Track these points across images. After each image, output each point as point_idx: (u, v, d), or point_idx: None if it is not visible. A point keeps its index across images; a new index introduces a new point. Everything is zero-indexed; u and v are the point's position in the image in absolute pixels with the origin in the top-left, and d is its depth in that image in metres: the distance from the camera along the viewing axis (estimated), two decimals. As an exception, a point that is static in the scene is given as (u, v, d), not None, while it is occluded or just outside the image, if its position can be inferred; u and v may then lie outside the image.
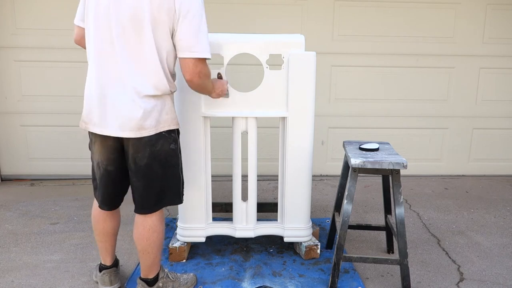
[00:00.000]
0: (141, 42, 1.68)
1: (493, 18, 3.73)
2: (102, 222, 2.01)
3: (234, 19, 3.62)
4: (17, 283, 2.17)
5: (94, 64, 1.75)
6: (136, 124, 1.72)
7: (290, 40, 2.19)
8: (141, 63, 1.71)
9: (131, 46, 1.69)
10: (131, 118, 1.72)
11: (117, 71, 1.71)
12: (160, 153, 1.80)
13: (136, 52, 1.69)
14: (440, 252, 2.54)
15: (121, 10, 1.66)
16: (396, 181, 2.06)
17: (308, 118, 2.25)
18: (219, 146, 3.62)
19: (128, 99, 1.71)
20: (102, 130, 1.77)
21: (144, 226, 1.87)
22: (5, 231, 2.75)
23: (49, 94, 3.66)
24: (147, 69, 1.71)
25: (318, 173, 3.93)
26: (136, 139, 1.75)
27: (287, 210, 2.36)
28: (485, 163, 4.03)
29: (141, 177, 1.82)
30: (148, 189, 1.84)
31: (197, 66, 1.74)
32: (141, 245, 1.89)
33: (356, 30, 3.70)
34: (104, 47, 1.71)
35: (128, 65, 1.70)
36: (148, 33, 1.67)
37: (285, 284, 2.16)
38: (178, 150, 1.90)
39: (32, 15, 3.52)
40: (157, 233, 1.89)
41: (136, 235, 1.90)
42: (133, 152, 1.78)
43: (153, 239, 1.89)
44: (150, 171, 1.81)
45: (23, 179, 3.80)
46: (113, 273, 2.07)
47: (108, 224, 2.02)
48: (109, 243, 2.06)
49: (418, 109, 3.88)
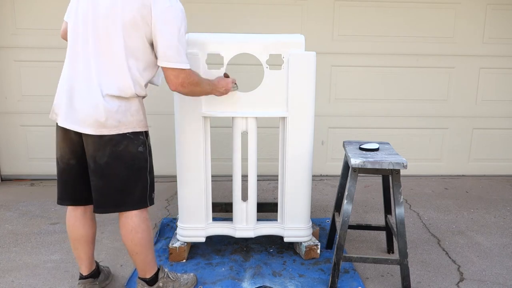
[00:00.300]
0: (111, 44, 1.70)
1: (493, 18, 3.73)
2: (73, 228, 1.95)
3: (234, 19, 3.62)
4: (17, 283, 2.17)
5: (69, 58, 1.78)
6: (96, 121, 1.71)
7: (290, 40, 2.19)
8: (109, 64, 1.71)
9: (102, 46, 1.71)
10: (91, 115, 1.70)
11: (87, 67, 1.72)
12: (124, 154, 1.77)
13: (106, 52, 1.71)
14: (440, 252, 2.54)
15: (97, 9, 1.70)
16: (396, 181, 2.06)
17: (308, 118, 2.25)
18: (219, 146, 3.62)
19: (92, 96, 1.71)
20: (65, 123, 1.76)
21: (126, 228, 1.85)
22: (5, 231, 2.75)
23: (49, 94, 3.64)
24: (114, 70, 1.72)
25: (318, 173, 3.93)
26: (97, 137, 1.73)
27: (287, 210, 2.36)
28: (485, 163, 4.03)
29: (100, 176, 1.78)
30: (107, 189, 1.79)
31: (178, 77, 1.76)
32: (128, 247, 1.88)
33: (356, 30, 3.70)
34: (79, 43, 1.74)
35: (97, 63, 1.71)
36: (118, 36, 1.69)
37: (285, 284, 2.16)
38: (147, 153, 1.86)
39: (32, 15, 3.52)
40: (141, 233, 1.86)
41: (122, 238, 1.89)
42: (93, 150, 1.76)
43: (137, 240, 1.86)
44: (110, 171, 1.77)
45: (23, 179, 3.80)
46: (88, 284, 2.01)
47: (80, 230, 1.94)
48: (82, 251, 1.98)
49: (418, 109, 3.88)
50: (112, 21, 1.68)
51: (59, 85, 1.80)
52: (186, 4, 3.40)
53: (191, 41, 2.17)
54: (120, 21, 1.67)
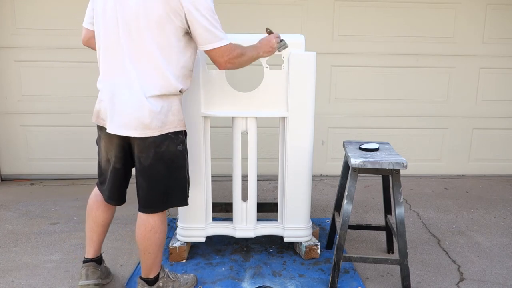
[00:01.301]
0: (145, 43, 1.70)
1: (493, 18, 3.73)
2: (96, 210, 2.03)
3: (234, 19, 3.61)
4: (17, 283, 2.17)
5: (105, 63, 1.79)
6: (141, 124, 1.73)
7: (290, 40, 2.19)
8: (146, 64, 1.72)
9: (136, 45, 1.71)
10: (136, 117, 1.73)
11: (125, 70, 1.73)
12: (165, 154, 1.80)
13: (140, 51, 1.72)
14: (440, 252, 2.54)
15: (125, 9, 1.69)
16: (396, 181, 2.06)
17: (308, 118, 2.25)
18: (219, 146, 3.62)
19: (135, 99, 1.72)
20: (109, 127, 1.79)
21: (146, 227, 1.87)
22: (5, 231, 2.75)
23: (49, 94, 3.66)
24: (153, 70, 1.73)
25: (318, 173, 3.93)
26: (141, 139, 1.76)
27: (287, 210, 2.36)
28: (485, 163, 4.03)
29: (146, 177, 1.83)
30: (152, 190, 1.84)
31: (223, 56, 1.78)
32: (143, 245, 1.89)
33: (356, 30, 3.70)
34: (113, 46, 1.74)
35: (134, 64, 1.72)
36: (152, 34, 1.69)
37: (285, 284, 2.16)
38: (185, 152, 1.90)
39: (32, 15, 3.52)
40: (159, 234, 1.89)
41: (138, 235, 1.90)
42: (138, 152, 1.80)
43: (154, 240, 1.88)
44: (154, 172, 1.81)
45: (23, 179, 3.80)
46: (91, 267, 2.04)
47: (101, 214, 2.03)
48: (96, 234, 2.05)
49: (418, 109, 3.88)
50: (143, 20, 1.68)
51: (100, 89, 1.83)
52: (186, 4, 3.41)
53: (191, 41, 2.16)
54: (151, 19, 1.67)
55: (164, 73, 1.73)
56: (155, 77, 1.73)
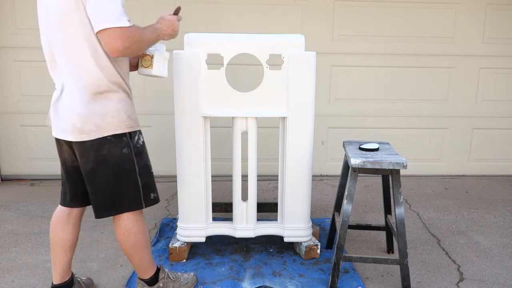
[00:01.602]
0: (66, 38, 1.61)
1: (493, 18, 3.73)
2: (52, 229, 1.89)
3: (235, 19, 3.62)
4: (17, 283, 2.17)
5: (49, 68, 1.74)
6: (74, 128, 1.65)
7: (290, 40, 2.19)
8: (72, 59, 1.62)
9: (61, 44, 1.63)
10: (69, 121, 1.66)
11: (58, 73, 1.69)
12: (108, 158, 1.70)
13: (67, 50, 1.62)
14: (440, 252, 2.54)
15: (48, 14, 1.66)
16: (396, 181, 2.06)
17: (308, 118, 2.25)
18: (219, 146, 3.62)
19: (68, 102, 1.66)
20: (53, 132, 1.76)
21: (119, 230, 1.82)
22: (5, 231, 2.75)
23: (49, 94, 3.60)
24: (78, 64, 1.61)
25: (318, 173, 3.93)
26: (79, 143, 1.68)
27: (287, 210, 2.36)
28: (485, 163, 4.03)
29: (89, 182, 1.74)
30: (98, 194, 1.75)
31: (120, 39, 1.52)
32: (122, 249, 1.87)
33: (356, 30, 3.70)
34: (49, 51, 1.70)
35: (63, 66, 1.65)
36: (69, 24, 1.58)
37: (285, 284, 2.16)
38: (133, 154, 1.76)
39: (32, 15, 3.52)
40: (134, 236, 1.82)
41: (117, 240, 1.87)
42: (79, 156, 1.72)
43: (130, 242, 1.83)
44: (97, 176, 1.72)
45: (23, 179, 3.80)
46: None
47: (59, 233, 1.88)
48: (56, 256, 1.89)
49: (418, 109, 3.88)
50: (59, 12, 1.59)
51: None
52: (186, 4, 3.42)
53: (191, 41, 2.17)
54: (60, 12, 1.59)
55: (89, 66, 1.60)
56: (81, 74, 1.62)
